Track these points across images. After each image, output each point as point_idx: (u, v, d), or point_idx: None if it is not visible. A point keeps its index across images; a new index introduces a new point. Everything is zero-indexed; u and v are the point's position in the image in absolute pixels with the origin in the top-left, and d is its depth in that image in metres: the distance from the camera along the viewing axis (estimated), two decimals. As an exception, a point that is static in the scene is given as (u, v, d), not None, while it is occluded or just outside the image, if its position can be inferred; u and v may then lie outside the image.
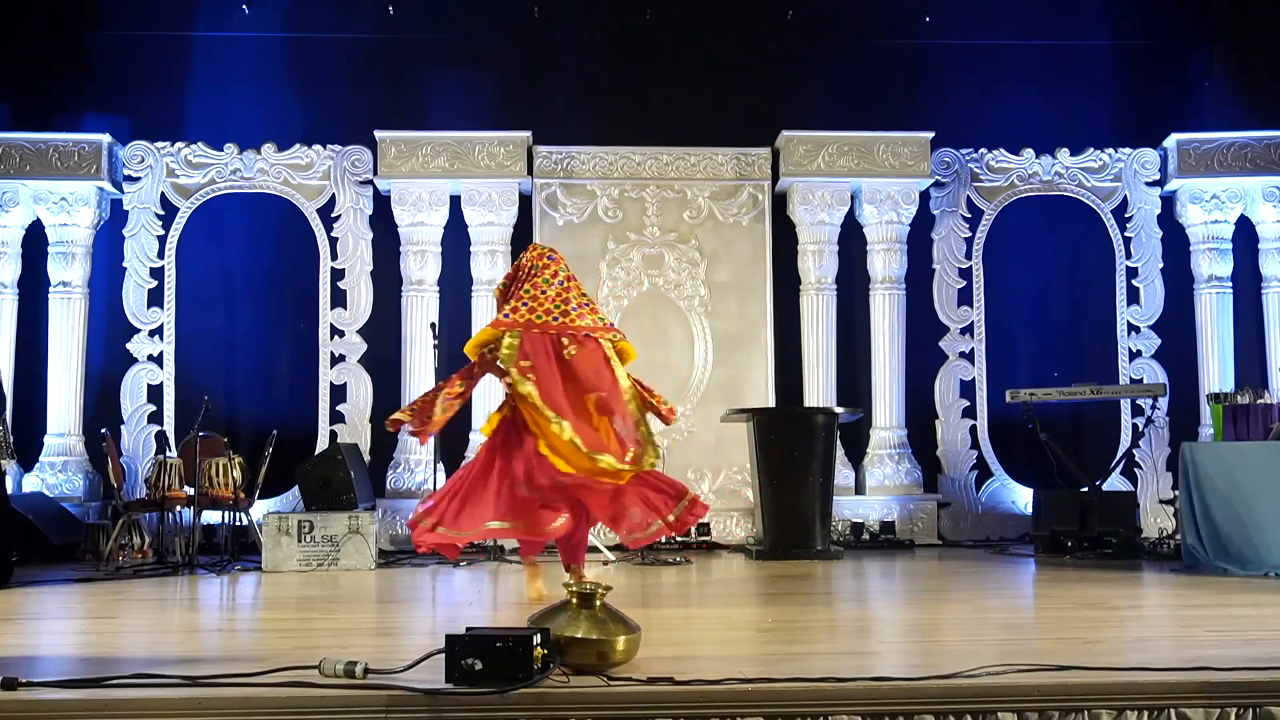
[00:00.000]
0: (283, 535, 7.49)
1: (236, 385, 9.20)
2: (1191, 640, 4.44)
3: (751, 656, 4.18)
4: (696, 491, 5.58)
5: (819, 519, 8.06)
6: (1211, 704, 3.46)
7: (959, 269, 9.56)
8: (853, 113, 9.38)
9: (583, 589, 3.78)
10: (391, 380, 9.13)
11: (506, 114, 9.35)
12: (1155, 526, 8.91)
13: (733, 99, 9.51)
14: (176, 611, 5.91)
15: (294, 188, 9.29)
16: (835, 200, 9.25)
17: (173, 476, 7.80)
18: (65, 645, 4.79)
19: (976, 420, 9.43)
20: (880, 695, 3.46)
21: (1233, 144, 9.28)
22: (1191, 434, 9.01)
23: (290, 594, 6.40)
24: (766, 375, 9.28)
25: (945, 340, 9.49)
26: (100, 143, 8.88)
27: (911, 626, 5.17)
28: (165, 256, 9.18)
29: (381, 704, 3.34)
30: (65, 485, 8.70)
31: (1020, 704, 3.44)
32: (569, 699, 3.41)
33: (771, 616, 5.41)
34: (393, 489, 8.93)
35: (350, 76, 9.44)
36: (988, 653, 3.96)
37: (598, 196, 9.34)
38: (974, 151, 9.59)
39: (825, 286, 9.29)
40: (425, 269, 9.12)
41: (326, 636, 4.82)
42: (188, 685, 3.50)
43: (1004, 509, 9.32)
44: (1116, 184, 9.59)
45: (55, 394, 8.83)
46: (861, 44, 9.64)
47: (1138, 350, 9.52)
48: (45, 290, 8.93)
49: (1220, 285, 9.36)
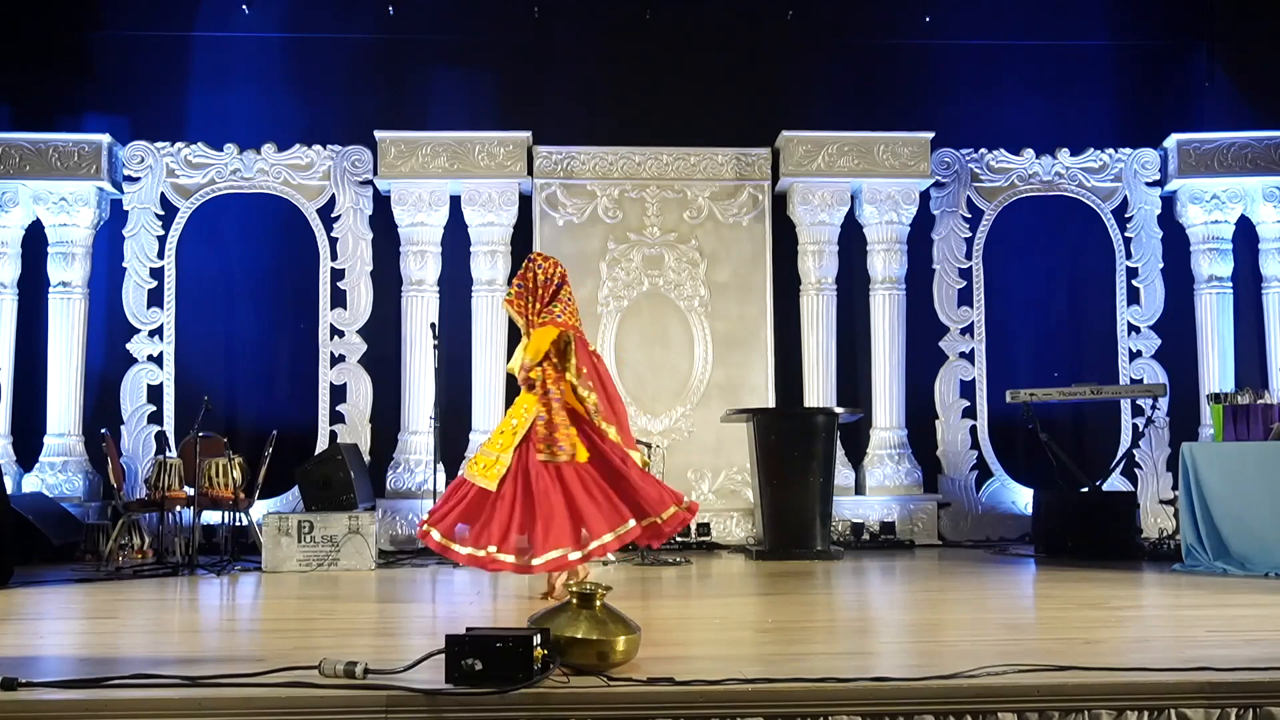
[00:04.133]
0: (283, 535, 7.49)
1: (236, 385, 9.20)
2: (1191, 640, 4.44)
3: (751, 656, 4.19)
4: (670, 510, 5.73)
5: (819, 519, 8.06)
6: (1211, 704, 3.46)
7: (959, 269, 9.56)
8: (853, 113, 9.38)
9: (583, 589, 3.79)
10: (391, 380, 9.13)
11: (506, 114, 9.36)
12: (1155, 526, 8.91)
13: (733, 99, 9.51)
14: (176, 611, 5.91)
15: (294, 188, 9.28)
16: (835, 200, 9.25)
17: (173, 477, 7.80)
18: (65, 645, 4.80)
19: (976, 420, 9.43)
20: (880, 695, 3.45)
21: (1233, 144, 9.27)
22: (1191, 434, 9.00)
23: (290, 594, 6.40)
24: (766, 375, 9.28)
25: (945, 340, 9.49)
26: (100, 143, 8.88)
27: (911, 626, 5.17)
28: (165, 256, 9.18)
29: (381, 704, 3.34)
30: (65, 485, 8.69)
31: (1020, 704, 3.44)
32: (569, 699, 3.41)
33: (771, 616, 5.41)
34: (393, 489, 8.93)
35: (350, 76, 9.44)
36: (988, 653, 3.96)
37: (598, 196, 9.34)
38: (974, 151, 9.59)
39: (825, 286, 9.28)
40: (425, 269, 9.12)
41: (326, 636, 4.82)
42: (188, 685, 3.50)
43: (1004, 509, 9.31)
44: (1117, 184, 9.59)
45: (55, 394, 8.83)
46: (861, 44, 9.64)
47: (1138, 350, 9.52)
48: (45, 290, 8.93)
49: (1220, 285, 9.36)
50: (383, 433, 9.17)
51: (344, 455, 8.33)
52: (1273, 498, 6.73)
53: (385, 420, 9.17)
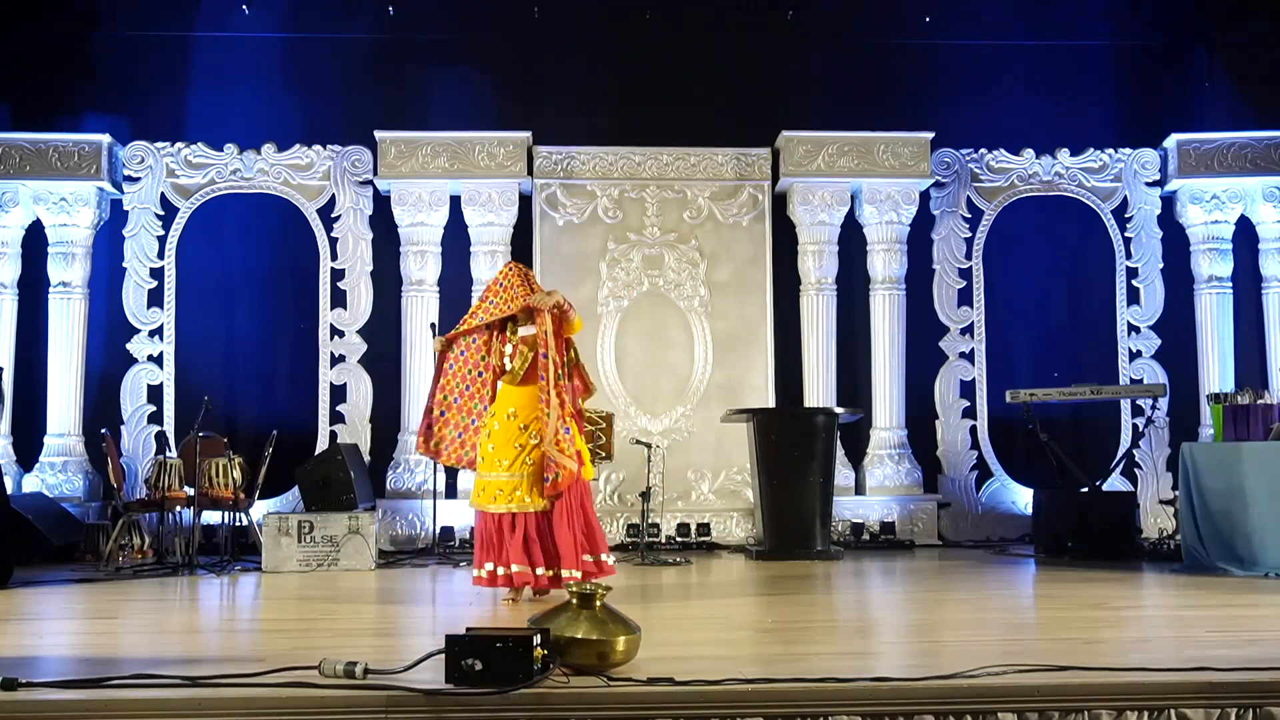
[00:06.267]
0: (283, 535, 7.48)
1: (236, 385, 9.20)
2: (1191, 640, 4.44)
3: (751, 656, 4.19)
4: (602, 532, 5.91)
5: (819, 519, 8.06)
6: (1211, 704, 3.46)
7: (959, 269, 9.56)
8: (853, 113, 9.38)
9: (583, 589, 3.79)
10: (391, 381, 9.13)
11: (506, 114, 9.35)
12: (1155, 526, 8.90)
13: (733, 99, 9.51)
14: (176, 612, 5.91)
15: (294, 188, 9.28)
16: (835, 200, 9.25)
17: (173, 477, 7.80)
18: (65, 645, 4.79)
19: (976, 420, 9.43)
20: (880, 695, 3.46)
21: (1233, 144, 9.27)
22: (1191, 434, 9.00)
23: (290, 594, 6.40)
24: (766, 375, 9.27)
25: (945, 340, 9.49)
26: (100, 143, 8.88)
27: (911, 627, 5.17)
28: (165, 257, 9.18)
29: (381, 704, 3.34)
30: (65, 485, 8.69)
31: (1020, 704, 3.44)
32: (569, 699, 3.41)
33: (771, 616, 5.41)
34: (393, 489, 8.92)
35: (350, 76, 9.44)
36: (988, 653, 3.96)
37: (598, 197, 9.34)
38: (974, 151, 9.59)
39: (825, 287, 9.28)
40: (425, 269, 9.12)
41: (326, 636, 4.82)
42: (188, 685, 3.51)
43: (1004, 509, 9.31)
44: (1116, 184, 9.59)
45: (55, 394, 8.83)
46: (861, 44, 9.64)
47: (1138, 350, 9.52)
48: (45, 290, 8.93)
49: (1220, 285, 9.36)
50: (383, 433, 9.16)
51: (344, 455, 8.33)
52: (1273, 498, 6.73)
53: (385, 420, 9.16)
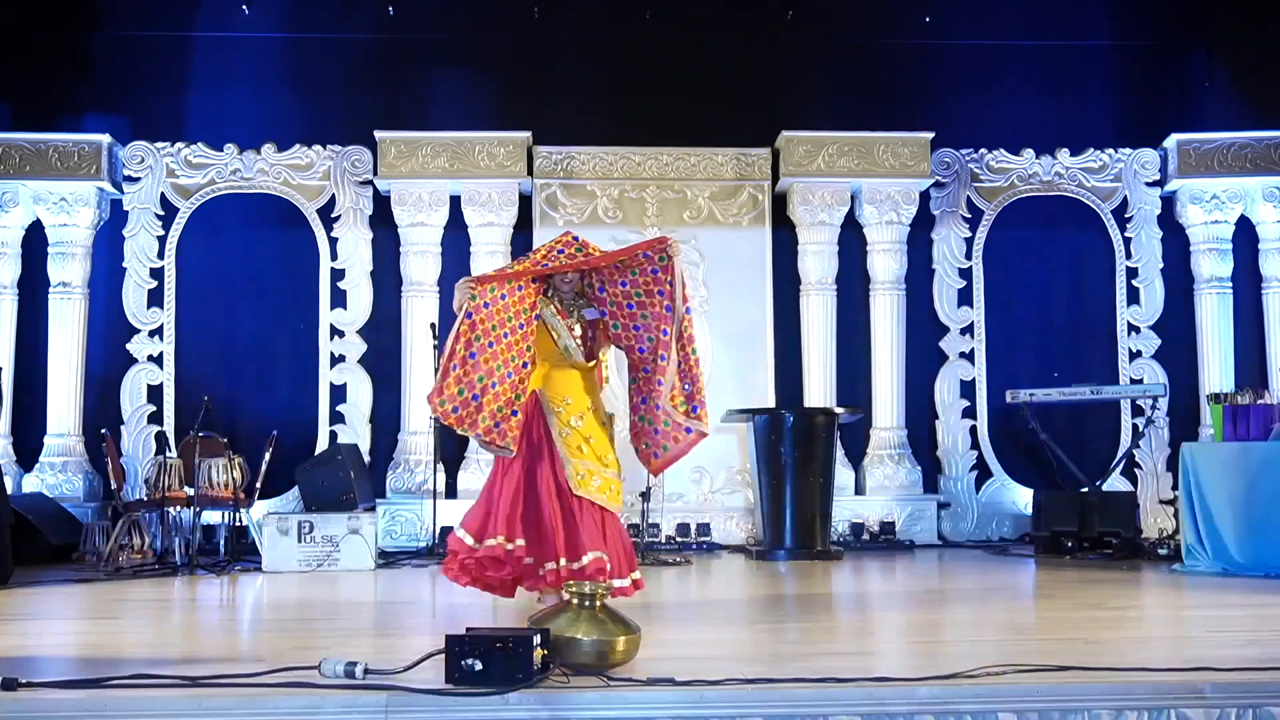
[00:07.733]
0: (282, 536, 7.48)
1: (236, 385, 9.18)
2: (1191, 640, 4.44)
3: (751, 656, 4.19)
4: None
5: (819, 519, 8.06)
6: (1211, 704, 3.46)
7: (959, 269, 9.55)
8: (853, 113, 9.37)
9: (583, 589, 3.79)
10: (392, 381, 9.13)
11: (506, 114, 9.34)
12: (1155, 526, 8.89)
13: (733, 99, 9.50)
14: (176, 612, 5.91)
15: (294, 188, 9.28)
16: (835, 200, 9.24)
17: (173, 477, 7.79)
18: (65, 645, 4.80)
19: (976, 420, 9.42)
20: (880, 695, 3.45)
21: (1233, 144, 9.27)
22: (1191, 434, 9.00)
23: (290, 594, 6.40)
24: (767, 375, 9.27)
25: (945, 340, 9.49)
26: (100, 143, 8.87)
27: (911, 627, 5.16)
28: (165, 257, 9.17)
29: (381, 704, 3.34)
30: (65, 485, 8.69)
31: (1020, 704, 3.43)
32: (569, 699, 3.41)
33: (771, 616, 5.41)
34: (393, 489, 8.92)
35: (350, 76, 9.43)
36: (988, 653, 3.96)
37: (598, 197, 9.34)
38: (974, 152, 9.58)
39: (825, 287, 9.28)
40: (425, 269, 9.11)
41: (326, 636, 4.82)
42: (188, 685, 3.50)
43: (1004, 509, 9.30)
44: (1116, 184, 9.58)
45: (55, 394, 8.83)
46: (861, 44, 9.63)
47: (1138, 350, 9.51)
48: (45, 290, 8.93)
49: (1220, 285, 9.35)
50: (383, 433, 9.17)
51: (344, 455, 8.33)
52: (1272, 498, 6.72)
53: (385, 420, 9.16)
